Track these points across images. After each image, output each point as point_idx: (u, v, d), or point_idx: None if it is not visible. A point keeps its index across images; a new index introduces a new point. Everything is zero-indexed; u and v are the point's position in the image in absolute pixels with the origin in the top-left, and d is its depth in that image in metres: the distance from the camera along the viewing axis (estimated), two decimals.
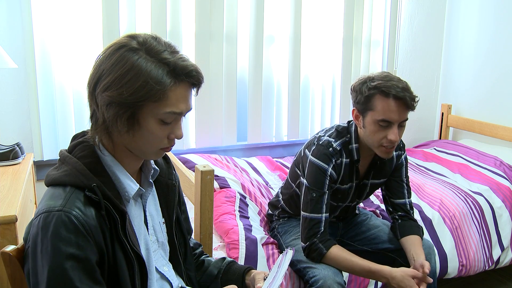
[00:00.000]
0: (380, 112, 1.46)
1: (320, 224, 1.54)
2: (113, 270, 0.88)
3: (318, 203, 1.55)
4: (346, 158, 1.60)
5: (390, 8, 3.05)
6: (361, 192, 1.74)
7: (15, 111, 2.20)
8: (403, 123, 1.49)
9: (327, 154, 1.56)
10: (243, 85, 2.74)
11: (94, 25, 2.24)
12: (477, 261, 2.10)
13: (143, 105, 0.86)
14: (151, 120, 0.88)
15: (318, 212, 1.55)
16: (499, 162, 2.57)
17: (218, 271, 1.20)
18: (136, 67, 0.84)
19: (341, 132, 1.62)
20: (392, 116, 1.45)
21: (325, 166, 1.56)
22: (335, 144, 1.58)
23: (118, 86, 0.84)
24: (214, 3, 2.48)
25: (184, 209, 1.17)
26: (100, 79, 0.86)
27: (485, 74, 3.03)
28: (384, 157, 1.55)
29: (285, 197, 1.83)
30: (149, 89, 0.84)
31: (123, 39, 0.88)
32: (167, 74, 0.85)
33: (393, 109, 1.44)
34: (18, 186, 1.65)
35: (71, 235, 0.81)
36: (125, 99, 0.84)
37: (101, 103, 0.86)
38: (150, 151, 0.93)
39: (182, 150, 2.57)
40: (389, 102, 1.44)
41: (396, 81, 1.46)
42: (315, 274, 1.53)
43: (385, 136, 1.48)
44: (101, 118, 0.88)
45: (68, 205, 0.83)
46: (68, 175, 0.87)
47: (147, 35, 0.89)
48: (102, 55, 0.88)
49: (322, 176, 1.55)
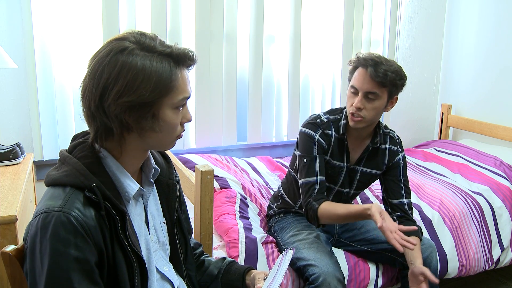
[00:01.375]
0: (352, 79, 1.60)
1: (315, 185, 1.63)
2: (113, 271, 0.88)
3: (310, 167, 1.65)
4: (335, 132, 1.69)
5: (390, 8, 3.05)
6: (352, 179, 1.75)
7: (15, 111, 2.20)
8: (371, 95, 1.56)
9: (314, 123, 1.69)
10: (243, 85, 2.74)
11: (94, 25, 2.24)
12: (477, 261, 2.10)
13: (162, 99, 0.88)
14: (168, 111, 0.90)
15: (312, 175, 1.64)
16: (499, 162, 2.57)
17: (218, 271, 1.20)
18: (143, 67, 0.85)
19: (334, 110, 1.76)
20: (356, 83, 1.57)
21: (312, 133, 1.67)
22: (323, 116, 1.71)
23: (134, 89, 0.84)
24: (214, 3, 2.48)
25: (184, 209, 1.17)
26: (106, 89, 0.84)
27: (485, 74, 3.03)
28: (351, 125, 1.64)
29: (285, 186, 1.88)
30: (165, 83, 0.87)
31: (115, 44, 0.86)
32: (173, 65, 0.88)
33: (359, 77, 1.57)
34: (18, 186, 1.65)
35: (70, 236, 0.81)
36: (146, 99, 0.85)
37: (117, 111, 0.85)
38: (169, 141, 0.96)
39: (182, 150, 2.57)
40: (359, 70, 1.58)
41: (377, 56, 1.56)
42: (314, 271, 1.53)
43: (353, 103, 1.59)
44: (118, 127, 0.87)
45: (67, 205, 0.83)
46: (68, 176, 0.87)
47: (133, 33, 0.89)
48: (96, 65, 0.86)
49: (310, 142, 1.66)
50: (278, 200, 1.90)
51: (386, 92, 1.57)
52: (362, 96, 1.56)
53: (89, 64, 0.88)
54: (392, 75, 1.52)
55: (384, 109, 1.62)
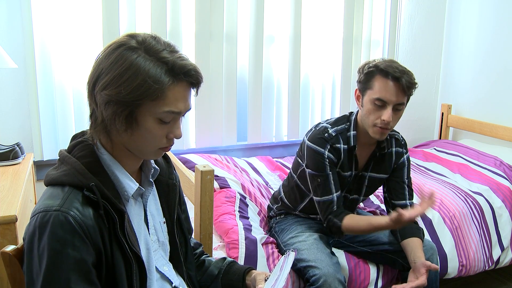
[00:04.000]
0: (377, 91, 1.51)
1: (333, 203, 1.61)
2: (111, 270, 0.88)
3: (326, 186, 1.61)
4: (344, 145, 1.64)
5: (390, 8, 3.05)
6: (360, 185, 1.74)
7: (15, 111, 2.20)
8: (399, 106, 1.52)
9: (322, 138, 1.63)
10: (243, 85, 2.74)
11: (94, 25, 2.24)
12: (477, 261, 2.10)
13: (141, 103, 0.85)
14: (149, 119, 0.87)
15: (328, 194, 1.61)
16: (499, 162, 2.57)
17: (219, 271, 1.20)
18: (134, 66, 0.84)
19: (340, 120, 1.69)
20: (387, 96, 1.49)
21: (322, 150, 1.61)
22: (330, 130, 1.64)
23: (117, 85, 0.84)
24: (214, 3, 2.48)
25: (184, 209, 1.17)
26: (99, 77, 0.86)
27: (485, 74, 3.03)
28: (376, 137, 1.58)
29: (286, 189, 1.86)
30: (147, 87, 0.84)
31: (123, 38, 0.88)
32: (165, 73, 0.85)
33: (389, 89, 1.49)
34: (18, 186, 1.65)
35: (68, 235, 0.81)
36: (123, 98, 0.84)
37: (100, 101, 0.86)
38: (149, 150, 0.93)
39: (182, 150, 2.57)
40: (386, 81, 1.50)
41: (397, 64, 1.51)
42: (315, 272, 1.53)
43: (380, 116, 1.52)
44: (100, 117, 0.88)
45: (66, 205, 0.83)
46: (66, 175, 0.87)
47: (147, 34, 0.89)
48: (101, 54, 0.88)
49: (321, 159, 1.61)
50: (278, 202, 1.90)
51: (407, 99, 1.56)
52: (392, 108, 1.50)
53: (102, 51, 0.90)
54: (415, 82, 1.51)
55: None
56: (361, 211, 1.96)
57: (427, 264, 1.49)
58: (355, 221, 1.56)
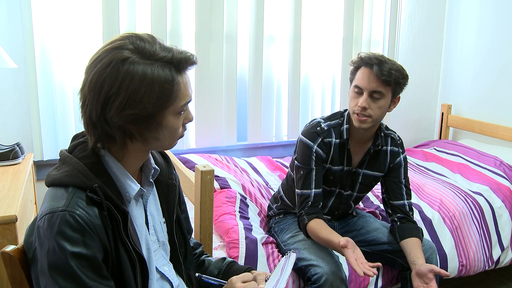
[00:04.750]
0: (356, 79, 1.59)
1: (309, 199, 1.64)
2: (117, 269, 0.89)
3: (306, 180, 1.65)
4: (336, 139, 1.67)
5: (390, 8, 3.05)
6: (354, 182, 1.75)
7: (15, 111, 2.20)
8: (376, 94, 1.55)
9: (314, 132, 1.66)
10: (243, 85, 2.74)
11: (94, 25, 2.24)
12: (477, 261, 2.10)
13: (165, 109, 0.88)
14: (171, 118, 0.90)
15: (307, 188, 1.64)
16: (499, 162, 2.57)
17: (219, 271, 1.20)
18: (144, 78, 0.83)
19: (334, 115, 1.73)
20: (362, 82, 1.55)
21: (311, 144, 1.64)
22: (323, 124, 1.68)
23: (137, 102, 0.83)
24: (214, 3, 2.48)
25: (184, 209, 1.17)
26: (108, 101, 0.83)
27: (485, 74, 3.03)
28: (356, 126, 1.60)
29: (285, 187, 1.87)
30: (167, 92, 0.86)
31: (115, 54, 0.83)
32: (174, 72, 0.87)
33: (364, 76, 1.55)
34: (18, 186, 1.65)
35: (77, 234, 0.81)
36: (150, 111, 0.85)
37: (121, 122, 0.85)
38: (172, 144, 0.96)
39: (182, 150, 2.57)
40: (363, 69, 1.56)
41: (381, 56, 1.55)
42: (317, 271, 1.53)
43: (357, 104, 1.57)
44: (121, 136, 0.87)
45: (71, 205, 0.83)
46: (69, 176, 0.87)
47: (131, 38, 0.86)
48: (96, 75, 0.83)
49: (308, 153, 1.64)
50: (278, 201, 1.90)
51: (390, 91, 1.56)
52: (367, 95, 1.55)
53: (87, 71, 0.85)
54: (396, 73, 1.52)
55: (387, 108, 1.61)
56: (360, 212, 1.96)
57: (435, 270, 1.46)
58: (318, 228, 1.56)
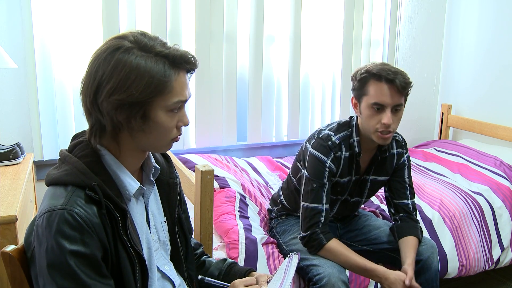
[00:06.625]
0: (373, 96, 1.50)
1: (321, 215, 1.57)
2: (116, 268, 0.89)
3: (318, 193, 1.58)
4: (346, 152, 1.62)
5: (390, 8, 3.05)
6: (362, 189, 1.74)
7: (15, 111, 2.20)
8: (398, 107, 1.51)
9: (326, 146, 1.60)
10: (243, 85, 2.73)
11: (94, 25, 2.24)
12: (477, 261, 2.10)
13: (153, 100, 0.88)
14: (161, 113, 0.90)
15: (319, 202, 1.58)
16: (499, 162, 2.57)
17: (219, 272, 1.20)
18: (137, 66, 0.85)
19: (342, 126, 1.66)
20: (384, 99, 1.49)
21: (324, 158, 1.59)
22: (334, 137, 1.61)
23: (125, 88, 0.85)
24: (214, 3, 2.48)
25: (184, 209, 1.17)
26: (100, 86, 0.86)
27: (485, 74, 3.03)
28: (381, 143, 1.57)
29: (285, 192, 1.85)
30: (156, 84, 0.86)
31: (114, 42, 0.88)
32: (168, 66, 0.88)
33: (385, 92, 1.48)
34: (18, 186, 1.65)
35: (76, 232, 0.81)
36: (136, 98, 0.85)
37: (109, 108, 0.86)
38: (163, 144, 0.95)
39: (182, 150, 2.57)
40: (380, 85, 1.49)
41: (389, 66, 1.51)
42: (319, 272, 1.53)
43: (380, 121, 1.51)
44: (110, 124, 0.88)
45: (70, 203, 0.83)
46: (68, 174, 0.87)
47: (134, 32, 0.90)
48: (94, 62, 0.87)
49: (322, 168, 1.59)
50: (278, 204, 1.89)
51: (404, 99, 1.54)
52: (390, 111, 1.49)
53: (89, 61, 0.89)
54: (410, 82, 1.50)
55: None
56: (361, 211, 1.95)
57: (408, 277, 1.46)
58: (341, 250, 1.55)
